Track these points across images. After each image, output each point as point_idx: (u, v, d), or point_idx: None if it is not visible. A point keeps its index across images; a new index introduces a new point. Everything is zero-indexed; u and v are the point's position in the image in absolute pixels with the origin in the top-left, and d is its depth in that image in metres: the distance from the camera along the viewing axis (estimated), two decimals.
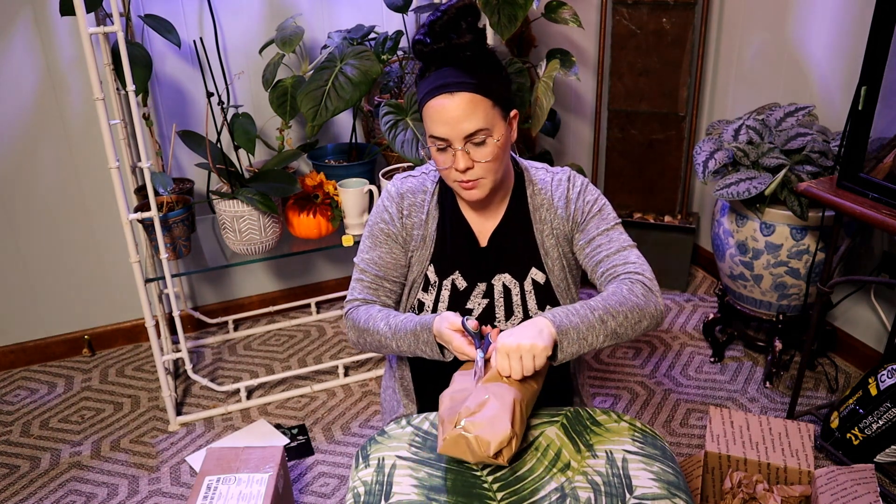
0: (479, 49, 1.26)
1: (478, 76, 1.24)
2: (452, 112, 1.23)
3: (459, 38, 1.23)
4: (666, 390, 2.30)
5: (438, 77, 1.24)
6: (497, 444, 1.08)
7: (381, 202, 1.43)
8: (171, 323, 2.60)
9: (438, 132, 1.25)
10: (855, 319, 2.34)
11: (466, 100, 1.23)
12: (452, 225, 1.40)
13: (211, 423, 2.24)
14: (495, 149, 1.26)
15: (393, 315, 1.34)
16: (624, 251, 1.34)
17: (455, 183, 1.30)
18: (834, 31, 2.22)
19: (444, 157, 1.28)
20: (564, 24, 2.29)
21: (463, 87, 1.23)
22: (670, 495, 1.11)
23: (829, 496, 1.50)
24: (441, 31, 1.24)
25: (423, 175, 1.44)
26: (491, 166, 1.27)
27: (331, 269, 2.87)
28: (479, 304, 1.40)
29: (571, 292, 1.43)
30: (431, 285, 1.41)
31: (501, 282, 1.40)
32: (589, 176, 2.90)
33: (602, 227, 1.36)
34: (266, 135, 2.47)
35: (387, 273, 1.41)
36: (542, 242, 1.38)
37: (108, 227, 2.48)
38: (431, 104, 1.25)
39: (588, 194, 1.37)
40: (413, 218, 1.40)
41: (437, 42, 1.24)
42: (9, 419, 2.30)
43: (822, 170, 2.06)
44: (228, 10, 2.36)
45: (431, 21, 1.24)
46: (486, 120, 1.24)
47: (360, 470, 1.19)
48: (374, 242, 1.41)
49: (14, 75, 2.23)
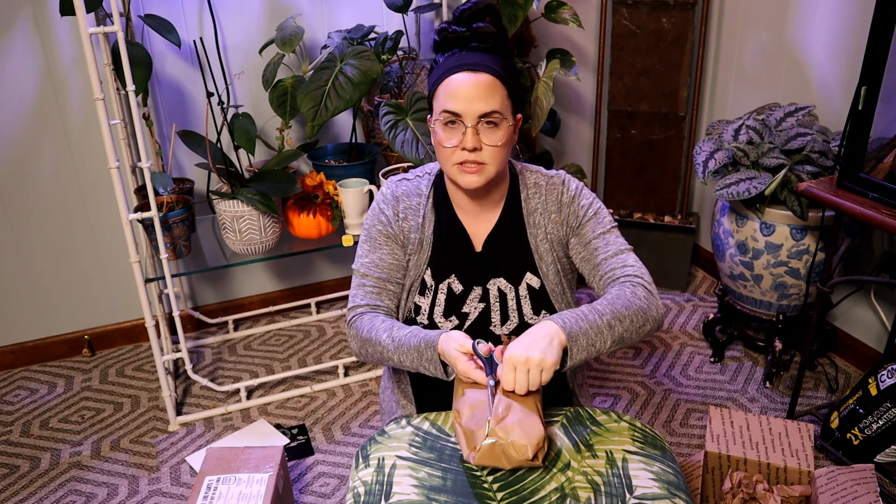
0: (502, 42, 1.29)
1: (500, 64, 1.26)
2: (472, 89, 1.23)
3: (485, 27, 1.27)
4: (666, 390, 2.30)
5: (462, 57, 1.26)
6: (534, 447, 1.09)
7: (376, 205, 1.41)
8: (171, 323, 2.60)
9: (453, 107, 1.24)
10: (855, 319, 2.34)
11: (488, 80, 1.24)
12: (448, 228, 1.39)
13: (211, 423, 2.24)
14: (506, 134, 1.27)
15: (397, 327, 1.30)
16: (622, 254, 1.33)
17: (456, 166, 1.27)
18: (834, 31, 2.22)
19: (451, 133, 1.26)
20: (564, 24, 2.29)
21: (486, 69, 1.24)
22: (670, 495, 1.11)
23: (829, 496, 1.50)
24: (469, 19, 1.28)
25: (417, 178, 1.42)
26: (498, 152, 1.26)
27: (331, 269, 2.87)
28: (476, 308, 1.39)
29: (567, 296, 1.42)
30: (428, 289, 1.40)
31: (497, 286, 1.39)
32: (589, 176, 2.90)
33: (598, 231, 1.35)
34: (266, 135, 2.47)
35: (390, 275, 1.39)
36: (536, 247, 1.38)
37: (108, 227, 2.48)
38: (450, 79, 1.25)
39: (582, 199, 1.37)
40: (409, 221, 1.39)
41: (464, 26, 1.28)
42: (9, 419, 2.30)
43: (822, 170, 2.06)
44: (228, 10, 2.36)
45: (461, 9, 1.29)
46: (502, 105, 1.25)
47: (360, 470, 1.19)
48: (373, 245, 1.39)
49: (14, 75, 2.23)
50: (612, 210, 2.88)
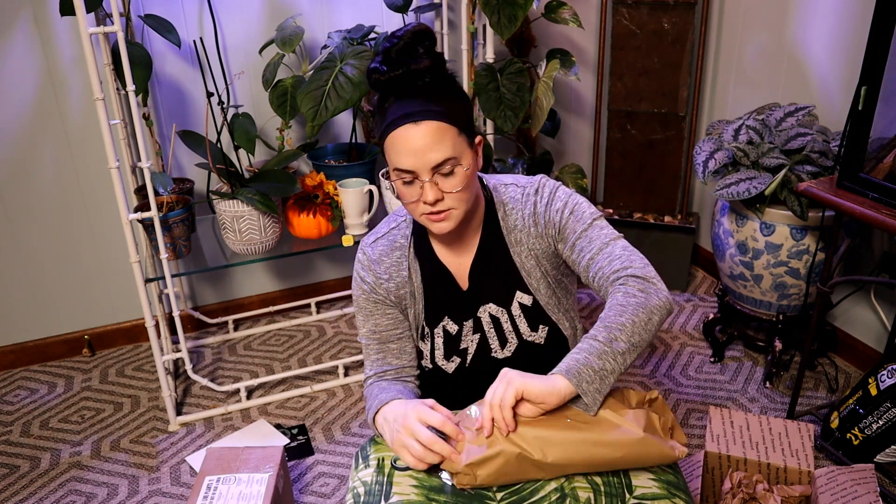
0: (439, 75, 1.19)
1: (442, 104, 1.18)
2: (419, 142, 1.16)
3: (418, 64, 1.16)
4: (666, 390, 2.30)
5: (401, 107, 1.17)
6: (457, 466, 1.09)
7: (356, 273, 1.37)
8: (171, 323, 2.60)
9: (404, 164, 1.18)
10: (855, 319, 2.34)
11: (433, 128, 1.16)
12: (433, 274, 1.35)
13: (211, 423, 2.24)
14: (464, 177, 1.20)
15: (376, 397, 1.30)
16: (606, 248, 1.24)
17: (423, 217, 1.24)
18: (834, 31, 2.22)
19: (410, 190, 1.21)
20: (564, 24, 2.29)
21: (428, 115, 1.16)
22: (670, 495, 1.11)
23: (829, 496, 1.50)
24: (398, 57, 1.17)
25: (393, 231, 1.37)
26: (461, 196, 1.21)
27: (331, 269, 2.87)
28: (472, 341, 1.37)
29: (563, 305, 1.37)
30: (426, 335, 1.38)
31: (487, 312, 1.35)
32: (589, 176, 2.90)
33: (579, 229, 1.27)
34: (266, 135, 2.47)
35: (388, 336, 1.37)
36: (521, 265, 1.33)
37: (108, 227, 2.48)
38: (395, 135, 1.18)
39: (556, 202, 1.29)
40: (395, 279, 1.35)
41: (395, 69, 1.17)
42: (9, 419, 2.30)
43: (822, 170, 2.06)
44: (228, 10, 2.36)
45: (386, 49, 1.17)
46: (454, 148, 1.18)
47: (360, 470, 1.19)
48: (366, 315, 1.37)
49: (14, 75, 2.23)
50: (612, 210, 2.88)
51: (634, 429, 1.09)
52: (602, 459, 1.09)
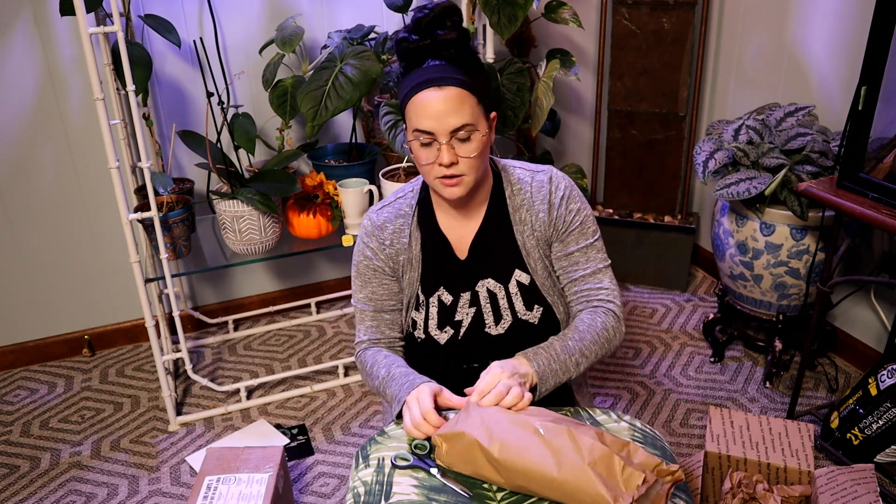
0: (464, 47, 1.26)
1: (465, 73, 1.25)
2: (440, 106, 1.23)
3: (445, 35, 1.24)
4: (666, 390, 2.30)
5: (425, 72, 1.25)
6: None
7: (360, 238, 1.42)
8: (171, 323, 2.60)
9: (424, 125, 1.25)
10: (855, 319, 2.34)
11: (454, 94, 1.23)
12: (433, 243, 1.39)
13: (211, 423, 2.24)
14: (479, 144, 1.27)
15: (385, 367, 1.35)
16: (599, 273, 1.38)
17: (437, 180, 1.29)
18: (834, 31, 2.22)
19: (427, 152, 1.27)
20: (564, 24, 2.29)
21: (451, 81, 1.23)
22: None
23: (829, 496, 1.50)
24: (427, 27, 1.25)
25: (399, 199, 1.43)
26: (474, 162, 1.27)
27: (331, 269, 2.87)
28: (467, 314, 1.39)
29: (557, 287, 1.42)
30: (421, 304, 1.41)
31: (485, 287, 1.39)
32: (589, 176, 2.90)
33: (581, 244, 1.37)
34: (266, 135, 2.47)
35: (383, 305, 1.42)
36: (523, 244, 1.38)
37: (108, 227, 2.48)
38: (418, 97, 1.24)
39: (572, 202, 1.37)
40: (396, 245, 1.40)
41: (424, 38, 1.25)
42: (9, 419, 2.30)
43: (822, 170, 2.06)
44: (228, 10, 2.36)
45: (417, 18, 1.25)
46: (472, 116, 1.25)
47: (359, 470, 1.19)
48: (364, 281, 1.42)
49: (14, 75, 2.23)
50: (612, 210, 2.88)
51: (581, 457, 1.04)
52: (542, 475, 1.05)
